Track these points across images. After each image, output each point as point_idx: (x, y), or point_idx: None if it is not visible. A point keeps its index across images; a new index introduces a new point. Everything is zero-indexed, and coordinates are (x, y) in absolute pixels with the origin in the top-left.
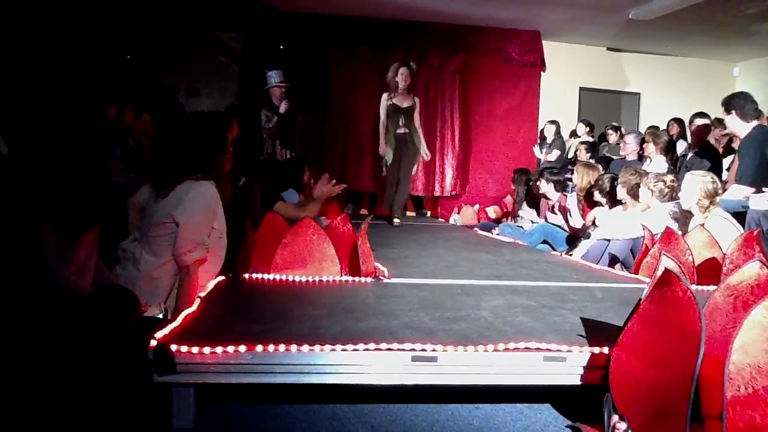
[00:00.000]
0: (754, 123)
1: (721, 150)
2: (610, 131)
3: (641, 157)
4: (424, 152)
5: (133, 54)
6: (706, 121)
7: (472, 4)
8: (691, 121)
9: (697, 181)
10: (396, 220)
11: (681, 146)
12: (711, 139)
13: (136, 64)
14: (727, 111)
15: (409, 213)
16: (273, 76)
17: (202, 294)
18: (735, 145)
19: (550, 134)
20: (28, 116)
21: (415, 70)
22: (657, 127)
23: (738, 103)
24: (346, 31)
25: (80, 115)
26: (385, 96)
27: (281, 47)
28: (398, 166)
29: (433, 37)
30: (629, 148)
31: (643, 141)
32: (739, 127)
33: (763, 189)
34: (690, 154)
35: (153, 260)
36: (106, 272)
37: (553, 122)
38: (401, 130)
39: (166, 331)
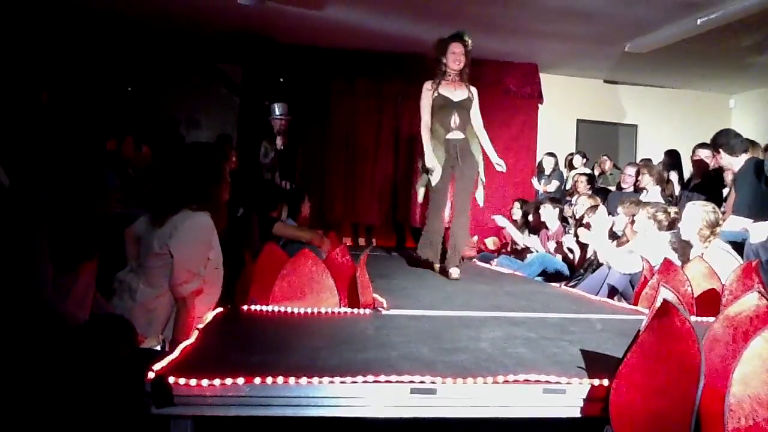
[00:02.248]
0: (745, 156)
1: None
2: (604, 158)
3: (637, 189)
4: (496, 162)
5: (133, 86)
6: (707, 152)
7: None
8: (693, 152)
9: (698, 211)
10: (454, 271)
11: (673, 177)
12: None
13: (137, 96)
14: (716, 150)
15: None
16: (276, 108)
17: (201, 325)
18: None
19: (548, 166)
20: (29, 148)
21: (470, 49)
22: (650, 160)
23: (723, 140)
24: (345, 64)
25: (79, 147)
26: (427, 86)
27: (281, 80)
28: (447, 190)
29: (431, 69)
30: (630, 180)
31: (638, 173)
32: (730, 162)
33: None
34: (692, 185)
35: (149, 291)
36: (104, 304)
37: (551, 154)
38: (454, 135)
39: (163, 362)
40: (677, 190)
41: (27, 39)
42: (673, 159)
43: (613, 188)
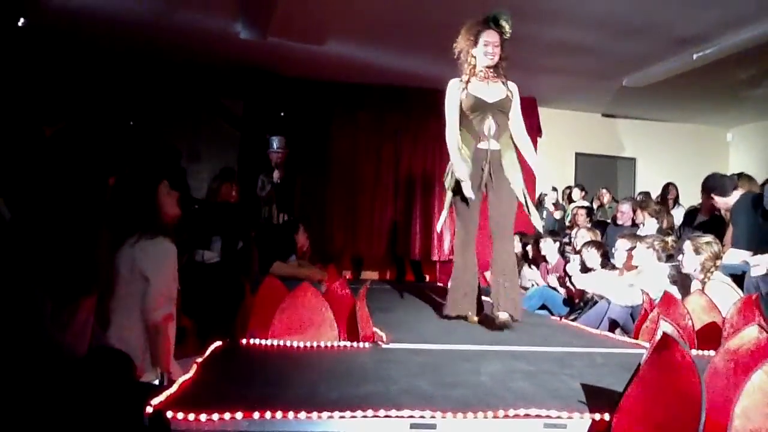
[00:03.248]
0: (737, 192)
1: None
2: (603, 191)
3: (635, 223)
4: (536, 165)
5: (135, 119)
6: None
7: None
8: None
9: (702, 243)
10: (503, 314)
11: (678, 212)
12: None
13: (139, 130)
14: (709, 196)
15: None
16: (274, 141)
17: (200, 359)
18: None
19: (549, 200)
20: (31, 182)
21: (507, 38)
22: (648, 194)
23: (713, 184)
24: (346, 97)
25: (80, 182)
26: (454, 84)
27: (282, 113)
28: (476, 214)
29: (431, 103)
30: (625, 216)
31: (635, 210)
32: (725, 202)
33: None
34: (697, 222)
35: (121, 320)
36: (102, 336)
37: (552, 189)
38: (487, 144)
39: (162, 397)
40: (677, 222)
41: (30, 73)
42: (671, 192)
43: (610, 222)
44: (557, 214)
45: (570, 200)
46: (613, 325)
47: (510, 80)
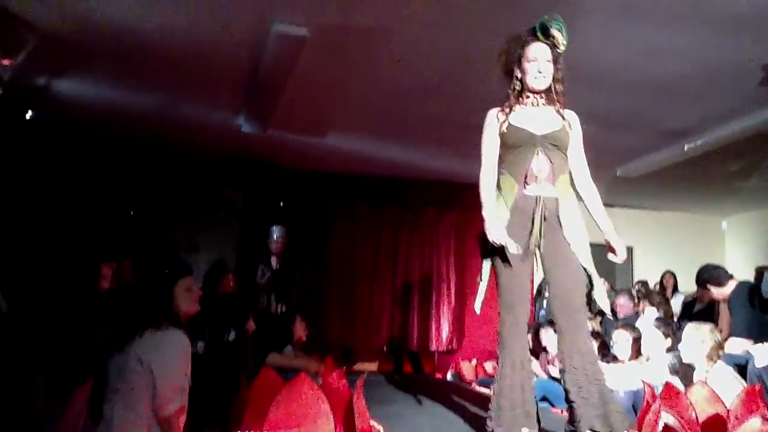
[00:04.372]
0: (732, 282)
1: None
2: (601, 281)
3: (636, 313)
4: (616, 245)
5: (136, 209)
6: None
7: (465, 163)
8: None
9: (704, 332)
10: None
11: (677, 299)
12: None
13: (139, 220)
14: (705, 287)
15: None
16: (274, 231)
17: None
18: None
19: (546, 289)
20: (29, 274)
21: (562, 51)
22: (646, 282)
23: (707, 276)
24: (345, 188)
25: (78, 274)
26: (493, 115)
27: (281, 204)
28: (526, 286)
29: (428, 194)
30: (624, 309)
31: (633, 296)
32: (722, 292)
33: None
34: (696, 310)
35: (127, 416)
36: (92, 430)
37: None
38: (537, 190)
39: None
40: (677, 310)
41: (34, 165)
42: (669, 280)
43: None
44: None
45: None
46: None
47: (569, 108)
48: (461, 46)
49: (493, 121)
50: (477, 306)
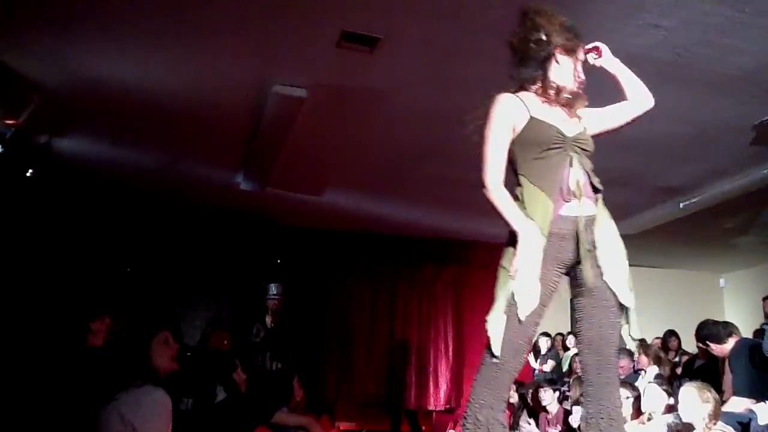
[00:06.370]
0: (732, 340)
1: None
2: None
3: (635, 370)
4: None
5: (132, 266)
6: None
7: (461, 221)
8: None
9: (702, 392)
10: None
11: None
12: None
13: (136, 277)
14: (704, 344)
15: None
16: (271, 288)
17: None
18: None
19: (543, 346)
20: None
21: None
22: (644, 340)
23: (707, 333)
24: (342, 245)
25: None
26: (510, 101)
27: (278, 261)
28: (533, 329)
29: (426, 251)
30: (624, 370)
31: (632, 355)
32: (722, 349)
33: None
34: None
35: None
36: None
37: (545, 334)
38: (576, 208)
39: None
40: (679, 369)
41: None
42: (673, 342)
43: None
44: (547, 366)
45: (565, 348)
46: None
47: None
48: (458, 106)
49: (510, 110)
50: (496, 348)
